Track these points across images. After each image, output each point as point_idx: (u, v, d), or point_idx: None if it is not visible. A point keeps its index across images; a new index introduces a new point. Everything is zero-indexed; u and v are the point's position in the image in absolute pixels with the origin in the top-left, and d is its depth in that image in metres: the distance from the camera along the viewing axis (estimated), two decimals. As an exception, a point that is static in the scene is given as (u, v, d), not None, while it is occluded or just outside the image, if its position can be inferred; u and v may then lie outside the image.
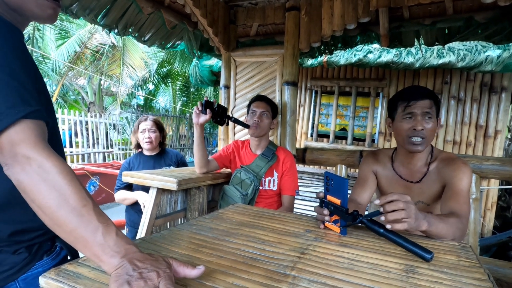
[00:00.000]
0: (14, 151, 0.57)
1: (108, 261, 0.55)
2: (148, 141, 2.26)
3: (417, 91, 1.25)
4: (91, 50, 9.50)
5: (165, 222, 1.79)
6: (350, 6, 1.98)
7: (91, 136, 7.94)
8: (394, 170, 1.38)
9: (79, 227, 0.56)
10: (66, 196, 0.56)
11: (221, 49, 2.49)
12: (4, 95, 0.58)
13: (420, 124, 1.20)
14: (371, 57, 3.65)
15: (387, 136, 4.30)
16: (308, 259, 0.74)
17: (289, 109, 2.26)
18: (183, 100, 13.05)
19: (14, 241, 0.73)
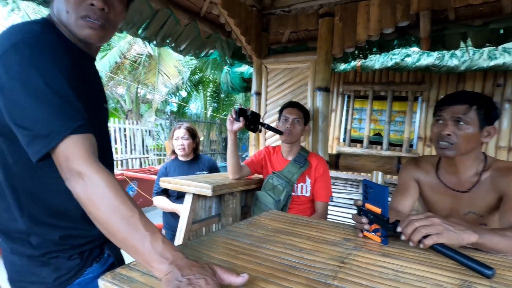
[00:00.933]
0: (69, 166, 0.62)
1: (157, 267, 0.58)
2: (181, 148, 2.36)
3: (454, 96, 1.20)
4: (130, 60, 10.01)
5: (201, 227, 1.83)
6: (388, 11, 1.94)
7: (128, 142, 8.31)
8: (438, 178, 1.32)
9: (129, 236, 0.60)
10: (114, 207, 0.60)
11: (253, 57, 2.52)
12: (57, 113, 0.62)
13: (447, 129, 1.15)
14: (409, 60, 3.51)
15: (427, 141, 4.10)
16: (349, 268, 0.72)
17: (321, 115, 2.24)
18: (213, 106, 13.32)
19: (67, 247, 0.78)
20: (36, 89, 0.62)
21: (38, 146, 0.62)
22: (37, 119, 0.62)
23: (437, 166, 1.35)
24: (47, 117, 0.62)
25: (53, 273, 0.76)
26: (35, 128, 0.62)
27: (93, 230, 0.78)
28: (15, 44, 0.64)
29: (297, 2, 2.28)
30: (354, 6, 2.08)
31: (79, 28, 0.76)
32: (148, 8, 2.00)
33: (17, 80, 0.62)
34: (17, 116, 0.63)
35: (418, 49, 3.34)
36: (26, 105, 0.62)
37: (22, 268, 0.77)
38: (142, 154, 8.71)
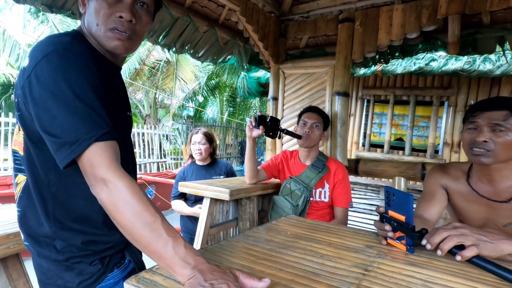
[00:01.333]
0: (94, 173, 0.64)
1: (180, 272, 0.58)
2: (198, 153, 2.40)
3: (490, 101, 1.14)
4: (149, 67, 10.25)
5: (218, 231, 1.84)
6: (412, 16, 1.90)
7: (146, 146, 8.48)
8: (470, 186, 1.25)
9: (152, 241, 0.60)
10: (137, 213, 0.61)
11: (270, 62, 2.53)
12: (83, 121, 0.65)
13: (482, 136, 1.09)
14: (435, 65, 3.40)
15: (454, 147, 3.97)
16: (374, 276, 0.71)
17: (339, 120, 2.22)
18: (229, 110, 13.43)
19: (89, 252, 0.80)
20: (65, 98, 0.65)
21: (65, 153, 0.64)
22: (65, 127, 0.64)
23: (468, 173, 1.28)
24: (75, 125, 0.64)
25: (77, 278, 0.78)
26: (63, 136, 0.64)
27: (114, 236, 0.81)
28: (47, 55, 0.67)
29: (316, 8, 2.28)
30: (375, 11, 2.06)
31: (107, 40, 0.78)
32: (169, 16, 2.05)
33: (47, 90, 0.65)
34: (47, 124, 0.65)
35: (444, 53, 3.24)
36: (55, 113, 0.64)
37: (49, 271, 0.79)
38: (159, 158, 8.85)
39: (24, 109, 0.71)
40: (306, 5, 2.34)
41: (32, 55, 0.69)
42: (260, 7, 2.22)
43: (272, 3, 2.32)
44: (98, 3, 0.76)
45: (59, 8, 1.82)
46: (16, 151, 0.80)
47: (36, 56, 0.68)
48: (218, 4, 2.20)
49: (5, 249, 1.02)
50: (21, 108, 0.72)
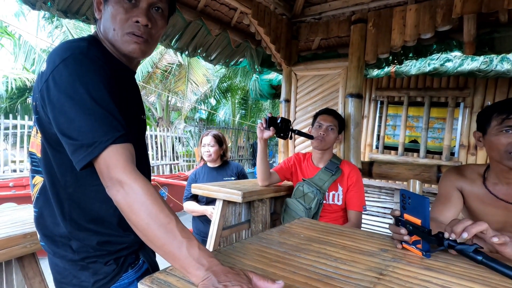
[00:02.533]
0: (110, 175, 0.65)
1: (194, 273, 0.59)
2: (207, 154, 2.43)
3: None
4: (161, 70, 10.39)
5: (231, 233, 1.84)
6: (426, 15, 1.87)
7: (159, 149, 8.58)
8: (487, 188, 1.23)
9: (167, 242, 0.61)
10: (153, 214, 0.62)
11: (282, 64, 2.53)
12: (100, 124, 0.66)
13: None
14: (450, 65, 3.34)
15: (471, 149, 3.87)
16: (389, 281, 0.69)
17: (353, 122, 2.20)
18: (241, 113, 13.48)
19: (104, 252, 0.81)
20: (82, 102, 0.66)
21: (82, 155, 0.65)
22: (82, 129, 0.65)
23: (484, 175, 1.25)
24: (92, 127, 0.65)
25: (92, 277, 0.80)
26: (80, 138, 0.65)
27: (128, 236, 0.82)
28: (64, 60, 0.69)
29: (328, 10, 2.27)
30: (388, 11, 2.03)
31: (124, 44, 0.80)
32: (181, 20, 2.07)
33: (65, 93, 0.67)
34: (64, 126, 0.67)
35: (460, 53, 3.17)
36: (73, 116, 0.66)
37: (64, 270, 0.81)
38: (172, 160, 8.95)
39: (42, 112, 0.73)
40: (318, 6, 2.33)
41: (50, 59, 0.71)
42: (272, 9, 2.23)
43: (284, 5, 2.32)
44: (114, 8, 0.78)
45: (73, 13, 1.86)
46: (33, 153, 0.82)
47: (54, 60, 0.70)
48: (230, 7, 2.22)
49: (21, 248, 1.04)
50: (39, 111, 0.74)
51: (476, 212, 1.28)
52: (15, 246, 1.02)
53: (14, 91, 8.20)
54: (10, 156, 6.30)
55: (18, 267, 1.09)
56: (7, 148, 6.40)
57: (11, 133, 6.30)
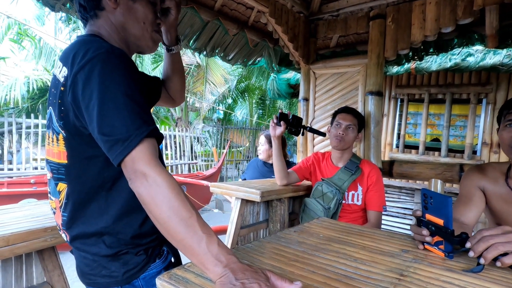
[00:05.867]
0: (134, 167, 0.66)
1: (212, 269, 0.59)
2: (259, 152, 2.82)
3: None
4: (180, 71, 10.55)
5: (249, 232, 1.85)
6: (447, 8, 1.82)
7: (178, 148, 8.72)
8: (510, 187, 1.18)
9: (187, 237, 0.62)
10: (175, 208, 0.63)
11: (300, 63, 2.52)
12: (133, 119, 0.68)
13: None
14: (472, 60, 3.21)
15: (493, 147, 3.72)
16: (410, 282, 0.68)
17: (373, 120, 2.16)
18: (259, 113, 13.49)
19: (136, 244, 0.83)
20: (114, 98, 0.68)
21: (119, 150, 0.66)
22: (116, 125, 0.67)
23: (507, 174, 1.21)
24: (126, 122, 0.67)
25: (122, 268, 0.82)
26: (115, 133, 0.66)
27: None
28: (93, 59, 0.70)
29: (346, 6, 2.23)
30: (408, 6, 1.98)
31: (151, 40, 0.89)
32: (199, 20, 2.10)
33: (97, 91, 0.68)
34: (99, 124, 0.68)
35: (481, 47, 3.05)
36: (107, 113, 0.67)
37: (93, 262, 0.83)
38: (190, 160, 9.07)
39: (73, 116, 0.74)
40: (335, 3, 2.30)
41: (73, 60, 0.72)
42: (289, 7, 2.22)
43: (301, 3, 2.30)
44: (147, 7, 0.86)
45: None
46: (51, 161, 0.83)
47: (79, 61, 0.71)
48: (247, 6, 2.22)
49: (42, 241, 1.07)
50: (68, 116, 0.75)
51: (500, 212, 1.23)
52: (35, 240, 1.05)
53: (36, 91, 8.51)
54: (31, 154, 6.58)
55: (38, 260, 1.12)
56: (29, 147, 6.68)
57: (33, 132, 6.58)
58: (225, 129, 11.84)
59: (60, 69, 0.77)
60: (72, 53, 0.73)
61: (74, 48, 0.75)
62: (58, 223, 0.89)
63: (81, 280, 0.87)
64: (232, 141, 12.04)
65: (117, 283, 0.82)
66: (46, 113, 0.87)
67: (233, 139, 12.39)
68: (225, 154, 7.65)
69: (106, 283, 0.82)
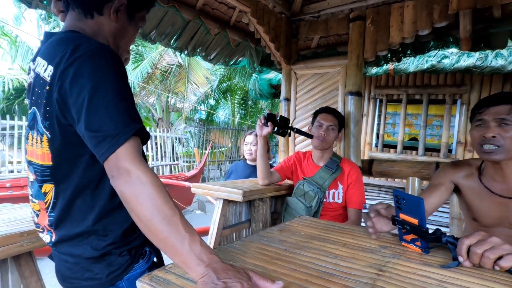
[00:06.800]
0: (118, 165, 0.64)
1: (194, 269, 0.58)
2: (249, 153, 2.60)
3: (492, 97, 1.15)
4: (161, 70, 10.37)
5: (231, 232, 1.84)
6: (423, 12, 1.88)
7: (159, 149, 8.58)
8: (482, 183, 1.24)
9: (169, 235, 0.61)
10: (158, 206, 0.62)
11: (282, 63, 2.53)
12: (122, 116, 0.66)
13: (491, 132, 1.10)
14: (447, 62, 3.36)
15: (468, 146, 3.88)
16: (389, 277, 0.69)
17: (353, 120, 2.19)
18: (241, 113, 13.48)
19: (120, 244, 0.81)
20: (105, 95, 0.66)
21: (107, 146, 0.64)
22: (105, 122, 0.65)
23: (480, 170, 1.26)
24: (115, 119, 0.66)
25: (106, 269, 0.80)
26: (104, 130, 0.65)
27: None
28: (81, 56, 0.68)
29: (327, 7, 2.26)
30: (387, 8, 2.03)
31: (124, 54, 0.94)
32: (180, 19, 2.07)
33: (87, 88, 0.66)
34: (87, 120, 0.66)
35: (456, 50, 3.19)
36: (96, 109, 0.66)
37: (76, 266, 0.80)
38: (172, 161, 8.94)
39: (59, 114, 0.72)
40: (316, 4, 2.33)
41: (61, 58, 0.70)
42: (271, 7, 2.23)
43: (283, 4, 2.32)
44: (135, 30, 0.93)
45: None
46: (34, 163, 0.80)
47: (68, 58, 0.69)
48: (229, 6, 2.21)
49: (18, 246, 1.03)
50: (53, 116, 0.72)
51: (473, 207, 1.29)
52: (11, 245, 1.01)
53: (11, 91, 8.18)
54: (7, 157, 6.29)
55: (14, 266, 1.07)
56: (5, 149, 6.39)
57: (8, 134, 6.28)
58: (207, 130, 11.76)
59: (44, 67, 0.74)
60: (59, 50, 0.71)
61: (60, 45, 0.73)
62: (43, 225, 0.85)
63: (62, 285, 0.85)
64: (214, 142, 11.97)
65: (101, 285, 0.80)
66: (28, 114, 0.84)
67: (215, 139, 12.32)
68: (207, 155, 7.59)
69: (90, 286, 0.80)
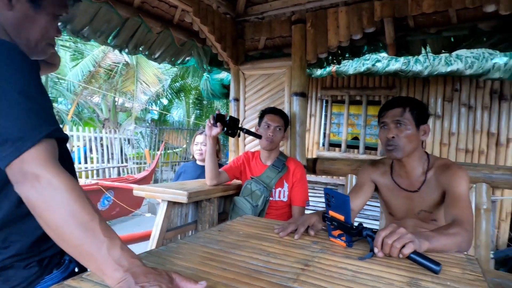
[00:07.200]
0: (24, 169, 0.59)
1: (111, 275, 0.56)
2: (199, 153, 2.56)
3: (390, 101, 1.32)
4: (105, 69, 9.72)
5: (176, 234, 1.80)
6: (355, 17, 2.00)
7: (105, 151, 8.11)
8: (393, 179, 1.39)
9: (84, 242, 0.57)
10: (73, 211, 0.58)
11: (229, 63, 2.53)
12: (27, 118, 0.61)
13: (390, 133, 1.26)
14: (380, 65, 3.64)
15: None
16: (312, 271, 0.73)
17: (298, 120, 2.26)
18: (196, 113, 13.25)
19: (28, 255, 0.75)
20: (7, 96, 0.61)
21: (8, 151, 0.59)
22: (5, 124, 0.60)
23: (392, 168, 1.41)
24: (17, 122, 0.60)
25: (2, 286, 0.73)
26: (3, 133, 0.59)
27: None
28: None
29: (270, 9, 2.30)
30: (323, 13, 2.12)
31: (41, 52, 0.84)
32: (116, 17, 1.94)
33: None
34: None
35: (387, 54, 3.48)
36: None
37: None
38: (120, 163, 8.51)
39: None
40: (259, 6, 2.36)
41: None
42: (215, 8, 2.21)
43: (227, 4, 2.31)
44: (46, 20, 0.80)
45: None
46: None
47: None
48: (170, 4, 2.14)
49: None
50: None
51: (387, 201, 1.44)
52: None
53: None
54: None
55: None
56: None
57: None
58: (160, 130, 11.37)
59: None
60: None
61: None
62: None
63: None
64: (168, 142, 11.62)
65: None
66: None
67: (169, 140, 11.97)
68: (158, 156, 7.33)
69: None
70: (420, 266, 0.78)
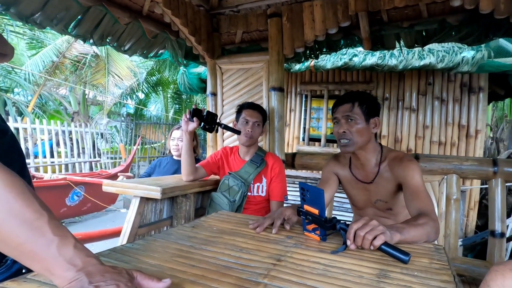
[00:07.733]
0: None
1: (61, 275, 0.52)
2: (175, 149, 2.51)
3: (341, 97, 1.35)
4: (71, 60, 9.22)
5: (150, 230, 1.75)
6: (330, 11, 2.00)
7: (75, 145, 7.81)
8: (351, 172, 1.43)
9: (28, 241, 0.52)
10: (13, 210, 0.53)
11: (205, 57, 2.47)
12: None
13: (341, 127, 1.30)
14: (357, 60, 3.68)
15: (378, 139, 4.32)
16: (284, 266, 0.72)
17: (276, 115, 2.25)
18: (175, 108, 13.00)
19: None
20: None
21: None
22: None
23: (350, 161, 1.45)
24: None
25: None
26: None
27: None
28: None
29: (245, 2, 2.24)
30: (299, 6, 2.10)
31: None
32: (75, 4, 1.80)
33: None
34: None
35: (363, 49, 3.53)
36: None
37: None
38: (92, 158, 8.23)
39: None
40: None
41: None
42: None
43: (200, -4, 2.23)
44: None
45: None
46: None
47: None
48: (137, -6, 2.03)
49: None
50: None
51: (349, 193, 1.50)
52: None
53: None
54: None
55: None
56: None
57: None
58: (137, 125, 11.07)
59: None
60: None
61: None
62: None
63: None
64: (144, 137, 11.36)
65: None
66: None
67: (147, 135, 11.70)
68: (135, 151, 7.15)
69: None
70: (391, 258, 0.79)
